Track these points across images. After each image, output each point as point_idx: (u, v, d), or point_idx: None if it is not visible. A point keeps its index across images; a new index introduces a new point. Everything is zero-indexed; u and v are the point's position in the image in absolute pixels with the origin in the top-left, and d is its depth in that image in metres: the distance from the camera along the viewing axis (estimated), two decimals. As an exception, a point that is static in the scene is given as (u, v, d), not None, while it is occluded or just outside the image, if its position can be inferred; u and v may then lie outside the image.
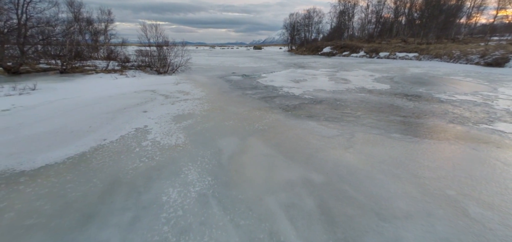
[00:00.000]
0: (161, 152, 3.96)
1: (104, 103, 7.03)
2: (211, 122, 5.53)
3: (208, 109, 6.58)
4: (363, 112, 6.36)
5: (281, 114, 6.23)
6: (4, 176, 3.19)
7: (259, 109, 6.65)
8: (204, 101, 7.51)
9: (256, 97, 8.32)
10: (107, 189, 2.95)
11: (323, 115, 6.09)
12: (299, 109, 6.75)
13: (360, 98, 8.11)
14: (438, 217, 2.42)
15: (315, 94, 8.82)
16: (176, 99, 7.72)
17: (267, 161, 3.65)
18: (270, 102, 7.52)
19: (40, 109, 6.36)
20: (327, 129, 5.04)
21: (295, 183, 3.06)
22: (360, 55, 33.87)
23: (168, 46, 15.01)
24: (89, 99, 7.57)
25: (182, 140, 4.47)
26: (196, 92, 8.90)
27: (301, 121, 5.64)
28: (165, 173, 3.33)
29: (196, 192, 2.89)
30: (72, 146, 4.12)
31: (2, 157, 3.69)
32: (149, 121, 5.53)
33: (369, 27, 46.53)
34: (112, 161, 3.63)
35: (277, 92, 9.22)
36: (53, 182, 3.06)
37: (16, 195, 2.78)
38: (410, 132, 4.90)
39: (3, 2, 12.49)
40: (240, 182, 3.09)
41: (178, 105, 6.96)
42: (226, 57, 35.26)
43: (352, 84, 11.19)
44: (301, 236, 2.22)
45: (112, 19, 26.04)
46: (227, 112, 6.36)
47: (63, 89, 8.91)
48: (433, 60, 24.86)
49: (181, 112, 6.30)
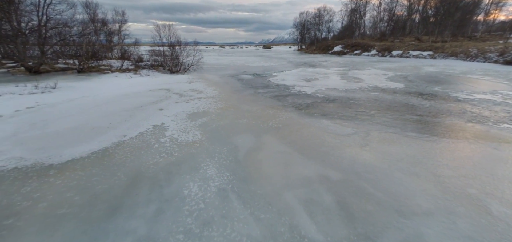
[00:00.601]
0: (179, 148, 4.08)
1: (122, 101, 7.26)
2: (226, 120, 5.62)
3: (222, 108, 6.68)
4: (378, 111, 6.30)
5: (294, 112, 6.26)
6: (35, 168, 3.38)
7: (272, 108, 6.70)
8: (218, 100, 7.62)
9: (268, 95, 8.36)
10: (131, 182, 3.08)
11: (336, 114, 6.08)
12: (312, 107, 6.75)
13: (374, 97, 8.01)
14: (460, 214, 2.40)
15: (327, 93, 8.78)
16: (190, 98, 7.87)
17: (283, 158, 3.70)
18: (283, 101, 7.55)
19: (62, 106, 6.64)
20: (342, 128, 5.03)
21: (313, 180, 3.10)
22: (372, 54, 33.30)
23: (180, 46, 15.27)
24: (107, 97, 7.83)
25: (199, 137, 4.57)
26: (209, 91, 9.04)
27: (315, 119, 5.65)
28: (185, 168, 3.43)
29: (216, 186, 2.97)
30: (94, 142, 4.30)
31: (32, 151, 3.90)
32: (166, 118, 5.68)
33: (381, 25, 45.61)
34: (133, 156, 3.77)
35: (289, 91, 9.24)
36: (80, 175, 3.22)
37: (48, 187, 2.95)
38: (427, 130, 4.83)
39: (25, 4, 13.07)
40: (258, 178, 3.15)
41: (193, 104, 7.10)
42: (236, 56, 35.46)
43: (365, 83, 11.05)
44: (321, 230, 2.26)
45: (126, 19, 26.71)
46: (241, 110, 6.44)
47: (81, 88, 9.25)
48: (448, 59, 24.14)
49: (195, 110, 6.43)
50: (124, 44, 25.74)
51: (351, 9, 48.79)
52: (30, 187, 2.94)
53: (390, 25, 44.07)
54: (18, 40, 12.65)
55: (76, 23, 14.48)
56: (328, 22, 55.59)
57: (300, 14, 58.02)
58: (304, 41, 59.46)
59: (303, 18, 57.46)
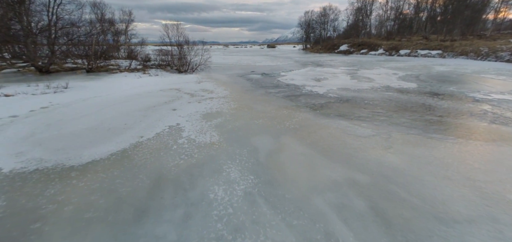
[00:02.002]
0: (198, 150, 4.01)
1: (134, 101, 7.23)
2: (241, 120, 5.54)
3: (236, 108, 6.61)
4: (395, 111, 6.15)
5: (310, 113, 6.15)
6: (56, 170, 3.34)
7: (286, 108, 6.60)
8: (230, 100, 7.55)
9: (280, 95, 8.27)
10: (154, 185, 3.02)
11: (353, 114, 5.95)
12: (327, 108, 6.63)
13: (388, 97, 7.86)
14: (505, 223, 2.28)
15: (340, 93, 8.64)
16: (202, 98, 7.81)
17: (307, 160, 3.61)
18: (296, 101, 7.44)
19: (75, 106, 6.64)
20: (361, 129, 4.92)
21: (340, 183, 3.00)
22: (379, 53, 32.94)
23: (188, 46, 15.25)
24: (119, 97, 7.81)
25: (216, 138, 4.50)
26: (220, 91, 8.97)
27: (332, 120, 5.54)
28: (207, 170, 3.36)
29: (242, 190, 2.89)
30: (112, 143, 4.25)
31: (51, 152, 3.87)
32: (180, 119, 5.63)
33: (387, 24, 45.10)
34: (153, 158, 3.71)
35: (300, 90, 9.12)
36: (102, 177, 3.17)
37: (71, 189, 2.90)
38: (450, 132, 4.68)
39: (36, 4, 13.16)
40: (284, 181, 3.06)
41: (205, 104, 7.04)
42: (241, 55, 35.39)
43: (376, 82, 10.88)
44: (359, 238, 2.16)
45: (133, 19, 26.83)
46: (255, 110, 6.35)
47: (93, 88, 9.26)
48: (458, 58, 23.73)
49: (209, 110, 6.36)
50: (131, 44, 25.86)
51: (357, 8, 48.36)
52: (54, 189, 2.90)
53: (396, 23, 43.54)
54: (29, 40, 12.76)
55: (85, 23, 14.54)
56: (334, 21, 55.21)
57: (305, 13, 57.74)
58: (309, 40, 59.13)
59: (308, 17, 57.18)
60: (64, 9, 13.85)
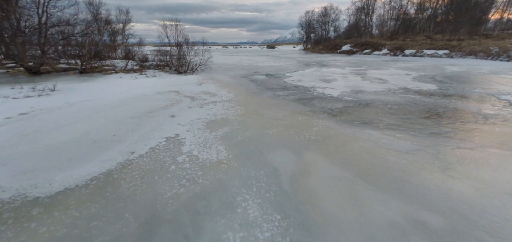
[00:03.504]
0: (202, 171, 3.16)
1: (128, 106, 6.38)
2: (251, 129, 4.69)
3: (243, 114, 5.76)
4: (427, 118, 5.33)
5: (329, 119, 5.32)
6: (14, 205, 2.49)
7: (301, 114, 5.76)
8: (235, 104, 6.70)
9: (291, 99, 7.43)
10: (144, 230, 2.17)
11: (380, 122, 5.12)
12: (347, 113, 5.80)
13: (412, 100, 7.03)
14: None
15: (355, 95, 7.81)
16: (204, 102, 6.96)
17: (346, 188, 2.76)
18: (309, 105, 6.61)
19: (60, 112, 5.78)
20: (398, 141, 4.08)
21: (404, 228, 2.16)
22: (383, 53, 32.17)
23: (188, 46, 14.40)
24: (111, 101, 6.96)
25: (224, 154, 3.66)
26: (223, 93, 8.13)
27: (358, 129, 4.71)
28: (215, 204, 2.52)
29: (268, 240, 2.05)
30: (95, 161, 3.40)
31: (14, 175, 3.01)
32: (180, 128, 4.78)
33: (390, 24, 44.38)
34: (145, 185, 2.86)
35: (311, 93, 8.29)
36: (73, 217, 2.32)
37: (26, 240, 2.05)
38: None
39: (25, 0, 12.29)
40: (324, 224, 2.22)
41: (208, 109, 6.19)
42: (242, 56, 34.56)
43: (391, 84, 10.06)
44: None
45: (130, 19, 25.97)
46: (266, 117, 5.52)
47: (83, 90, 8.40)
48: (467, 58, 22.97)
49: (213, 117, 5.52)
50: (128, 44, 24.99)
51: (359, 7, 47.64)
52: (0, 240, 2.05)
53: (398, 23, 42.78)
54: (18, 39, 11.89)
55: (78, 21, 13.66)
56: (335, 21, 54.42)
57: (305, 12, 56.96)
58: (309, 40, 58.34)
59: (309, 17, 56.41)
60: (55, 5, 13.01)
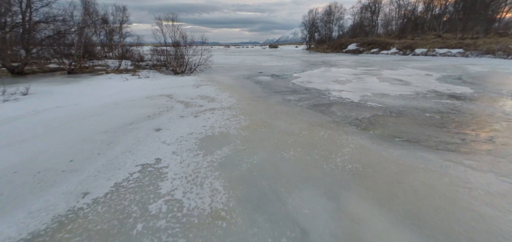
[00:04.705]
0: (185, 237, 1.93)
1: (104, 115, 5.17)
2: (260, 152, 3.45)
3: (248, 127, 4.52)
4: (495, 133, 4.05)
5: (361, 135, 4.06)
6: None
7: (321, 126, 4.51)
8: (238, 112, 5.47)
9: (304, 105, 6.18)
10: None
11: (430, 138, 3.86)
12: (380, 125, 4.54)
13: (452, 107, 5.76)
14: None
15: (380, 100, 6.54)
16: (200, 109, 5.74)
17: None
18: (329, 114, 5.36)
19: (16, 124, 4.59)
20: (475, 173, 2.81)
21: None
22: (391, 52, 30.76)
23: (186, 45, 13.17)
24: (88, 107, 5.76)
25: (222, 198, 2.42)
26: (224, 98, 6.89)
27: (406, 151, 3.44)
28: None
29: None
30: (20, 215, 2.18)
31: None
32: (164, 149, 3.55)
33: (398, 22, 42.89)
34: (81, 272, 1.63)
35: (326, 97, 7.04)
36: None
37: None
38: None
39: (6, -6, 11.15)
40: None
41: (204, 119, 4.96)
42: (244, 55, 33.33)
43: (415, 85, 8.77)
44: None
45: (127, 16, 24.83)
46: (277, 131, 4.27)
47: (61, 94, 7.22)
48: (484, 57, 21.53)
49: (209, 131, 4.29)
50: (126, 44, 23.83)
51: (364, 6, 46.22)
52: None
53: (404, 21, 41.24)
54: (-3, 36, 10.76)
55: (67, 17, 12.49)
56: (339, 20, 53.00)
57: (309, 11, 55.64)
58: (313, 39, 56.96)
59: (312, 16, 55.06)
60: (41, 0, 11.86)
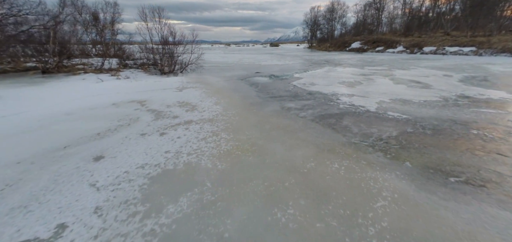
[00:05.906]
0: None
1: (40, 132, 3.83)
2: (240, 208, 2.10)
3: (229, 152, 3.17)
4: None
5: (394, 170, 2.69)
6: None
7: (334, 153, 3.16)
8: (220, 127, 4.11)
9: (308, 116, 4.82)
10: None
11: (500, 178, 2.50)
12: (415, 151, 3.18)
13: (506, 120, 4.39)
14: None
15: (403, 109, 5.18)
16: (172, 122, 4.39)
17: None
18: (341, 131, 4.00)
19: None
20: None
21: None
22: (398, 51, 29.28)
23: (175, 43, 11.82)
24: (27, 119, 4.43)
25: None
26: (207, 106, 5.54)
27: (472, 207, 2.08)
28: None
29: None
30: None
31: None
32: (85, 200, 2.20)
33: (402, 19, 41.31)
34: None
35: (335, 104, 5.68)
36: None
37: None
38: None
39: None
40: None
41: (171, 139, 3.61)
42: (244, 54, 31.94)
43: (439, 90, 7.39)
44: None
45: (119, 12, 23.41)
46: (271, 162, 2.91)
47: (9, 99, 5.90)
48: (500, 55, 20.06)
49: (171, 161, 2.94)
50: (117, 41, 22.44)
51: (368, 2, 44.66)
52: None
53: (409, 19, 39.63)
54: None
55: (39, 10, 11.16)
56: (342, 18, 51.41)
57: (311, 9, 54.09)
58: (315, 38, 55.43)
59: (314, 14, 53.52)
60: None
